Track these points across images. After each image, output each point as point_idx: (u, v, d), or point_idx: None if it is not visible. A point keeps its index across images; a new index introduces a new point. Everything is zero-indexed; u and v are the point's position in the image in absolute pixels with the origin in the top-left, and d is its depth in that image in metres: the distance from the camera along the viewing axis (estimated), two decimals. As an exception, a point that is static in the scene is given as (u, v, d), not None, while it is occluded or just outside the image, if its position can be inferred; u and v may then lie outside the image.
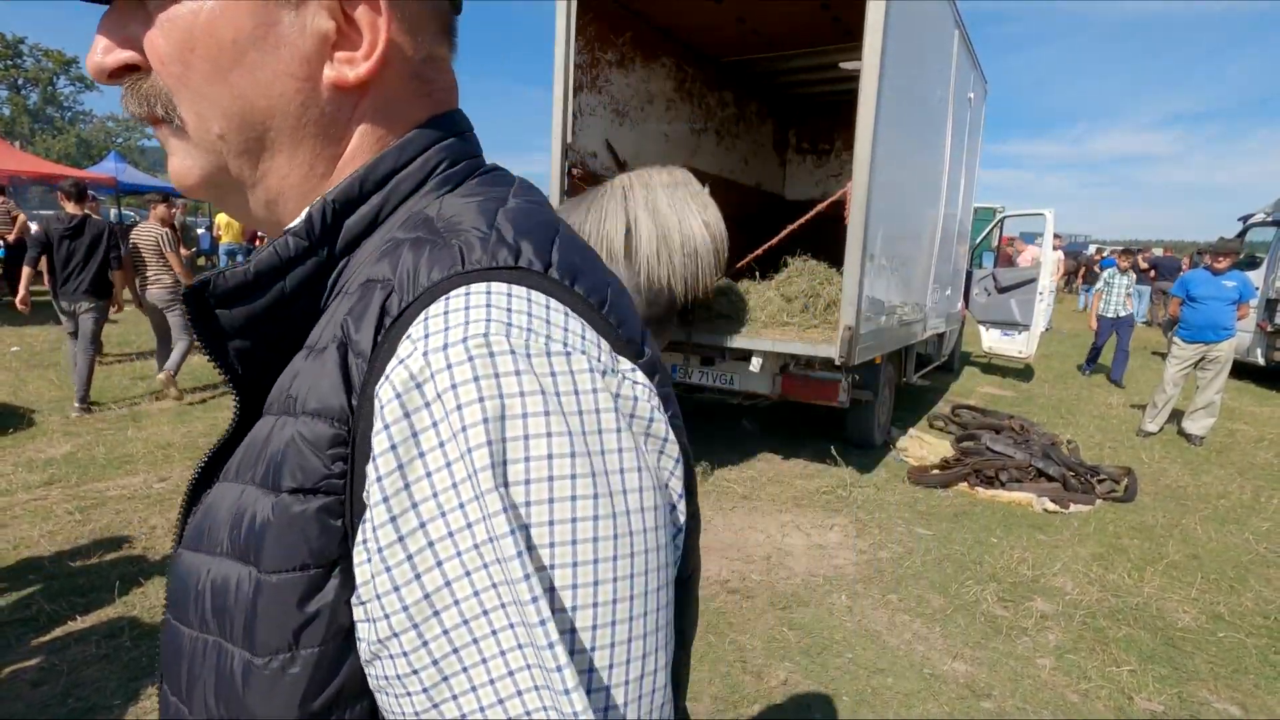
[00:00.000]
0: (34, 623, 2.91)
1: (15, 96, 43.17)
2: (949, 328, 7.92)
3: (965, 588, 3.59)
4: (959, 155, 6.70)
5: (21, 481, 4.36)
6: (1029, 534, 4.29)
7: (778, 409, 7.05)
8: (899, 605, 3.40)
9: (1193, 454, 6.22)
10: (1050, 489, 4.90)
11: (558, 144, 5.29)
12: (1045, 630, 3.24)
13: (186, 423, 5.73)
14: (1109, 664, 2.99)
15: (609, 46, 5.74)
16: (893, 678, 2.82)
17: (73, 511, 3.94)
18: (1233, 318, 6.34)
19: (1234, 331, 6.39)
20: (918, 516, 4.50)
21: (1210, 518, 4.69)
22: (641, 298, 4.04)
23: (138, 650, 2.76)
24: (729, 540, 4.02)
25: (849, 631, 3.15)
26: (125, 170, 19.64)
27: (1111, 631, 3.24)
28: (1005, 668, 2.94)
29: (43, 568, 3.34)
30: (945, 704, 2.68)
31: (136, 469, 4.66)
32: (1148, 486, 5.25)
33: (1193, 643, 3.19)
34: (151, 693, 2.54)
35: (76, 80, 45.58)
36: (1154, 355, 12.23)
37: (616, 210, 4.08)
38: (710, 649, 2.95)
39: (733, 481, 4.95)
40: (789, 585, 3.54)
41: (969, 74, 6.73)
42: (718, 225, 4.13)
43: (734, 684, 2.74)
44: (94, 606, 3.04)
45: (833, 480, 5.04)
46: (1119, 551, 4.10)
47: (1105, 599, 3.54)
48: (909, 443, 5.99)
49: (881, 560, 3.87)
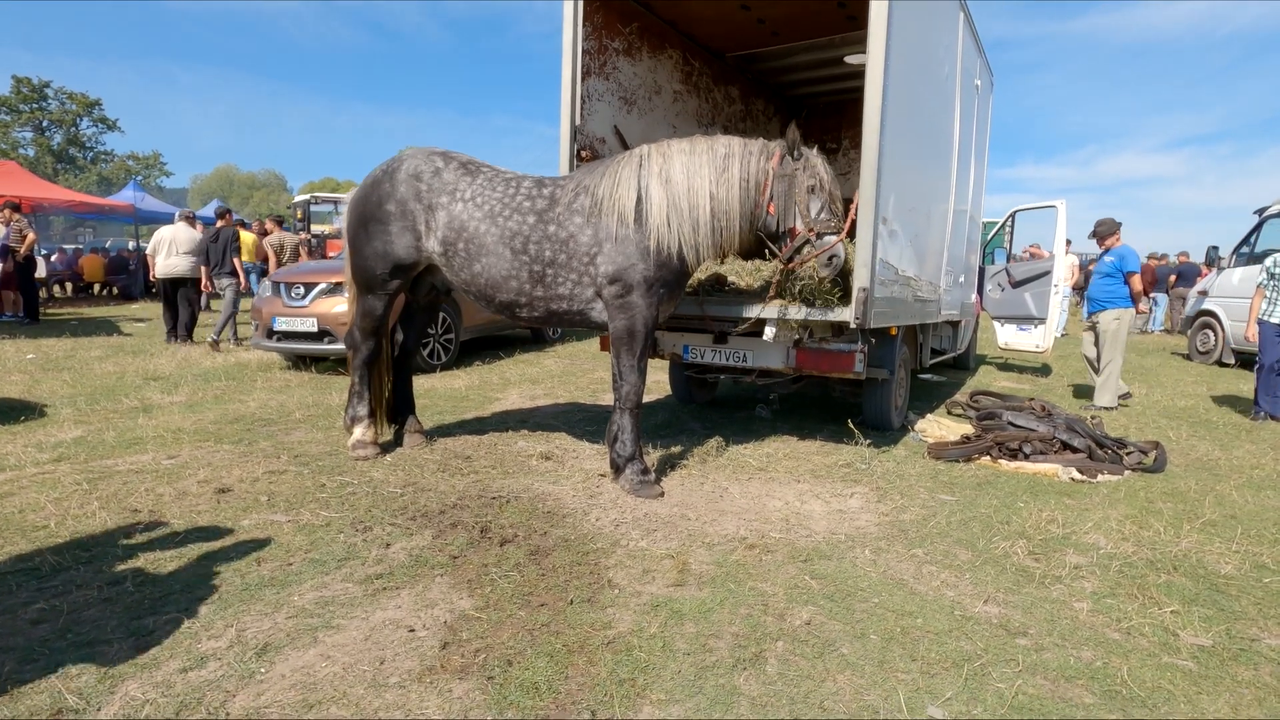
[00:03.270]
0: (37, 573, 2.85)
1: (40, 137, 44.43)
2: (963, 318, 7.82)
3: (993, 543, 3.46)
4: (967, 139, 6.69)
5: (31, 459, 4.34)
6: (1057, 499, 4.15)
7: (793, 398, 6.94)
8: (925, 558, 3.27)
9: (1222, 431, 6.05)
10: (1076, 459, 4.75)
11: (566, 125, 5.33)
12: (1081, 579, 3.09)
13: (198, 412, 5.71)
14: (1150, 606, 2.84)
15: (616, 35, 5.82)
16: (922, 619, 2.69)
17: (80, 483, 3.90)
18: (1109, 291, 6.94)
19: (1115, 304, 6.92)
20: (940, 485, 4.37)
21: (1245, 485, 4.52)
22: (652, 262, 4.00)
23: (140, 594, 2.69)
24: (745, 505, 3.91)
25: (874, 580, 3.02)
26: (144, 199, 20.05)
27: (1151, 578, 3.09)
28: (1040, 610, 2.80)
29: (48, 526, 3.29)
30: (979, 642, 2.54)
31: (146, 449, 4.62)
32: (1177, 459, 5.09)
33: (1237, 587, 3.04)
34: (152, 625, 2.46)
35: (99, 122, 46.94)
36: (1173, 355, 12.04)
37: (630, 178, 4.06)
38: (730, 594, 2.84)
39: (748, 456, 4.84)
40: (809, 542, 3.42)
41: (975, 59, 6.75)
42: (729, 198, 4.03)
43: (755, 624, 2.62)
44: (97, 560, 2.97)
45: (850, 456, 4.92)
46: (1153, 513, 3.95)
47: (1141, 552, 3.39)
48: (927, 425, 5.86)
49: (905, 521, 3.74)
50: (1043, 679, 2.33)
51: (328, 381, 7.21)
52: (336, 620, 2.56)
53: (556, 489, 4.07)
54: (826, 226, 4.04)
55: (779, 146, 4.11)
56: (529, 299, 4.19)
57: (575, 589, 2.85)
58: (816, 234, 4.04)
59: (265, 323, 7.73)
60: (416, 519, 3.55)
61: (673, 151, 4.13)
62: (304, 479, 4.09)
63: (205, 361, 8.29)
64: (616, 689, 2.20)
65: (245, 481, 4.01)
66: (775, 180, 4.05)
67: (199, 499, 3.72)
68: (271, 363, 8.31)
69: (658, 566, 3.09)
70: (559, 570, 3.02)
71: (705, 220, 3.99)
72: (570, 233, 4.07)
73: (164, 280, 9.83)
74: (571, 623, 2.59)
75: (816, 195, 4.04)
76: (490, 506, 3.74)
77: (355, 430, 4.64)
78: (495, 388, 7.21)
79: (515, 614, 2.64)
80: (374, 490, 3.95)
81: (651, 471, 4.16)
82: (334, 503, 3.73)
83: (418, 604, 2.70)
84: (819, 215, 4.03)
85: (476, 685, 2.20)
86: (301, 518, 3.51)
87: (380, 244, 4.38)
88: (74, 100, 45.37)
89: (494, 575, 2.95)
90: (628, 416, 4.10)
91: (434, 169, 4.33)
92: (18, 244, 11.25)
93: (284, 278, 7.97)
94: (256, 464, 4.33)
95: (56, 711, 2.00)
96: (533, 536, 3.37)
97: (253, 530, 3.34)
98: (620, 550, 3.26)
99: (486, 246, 4.14)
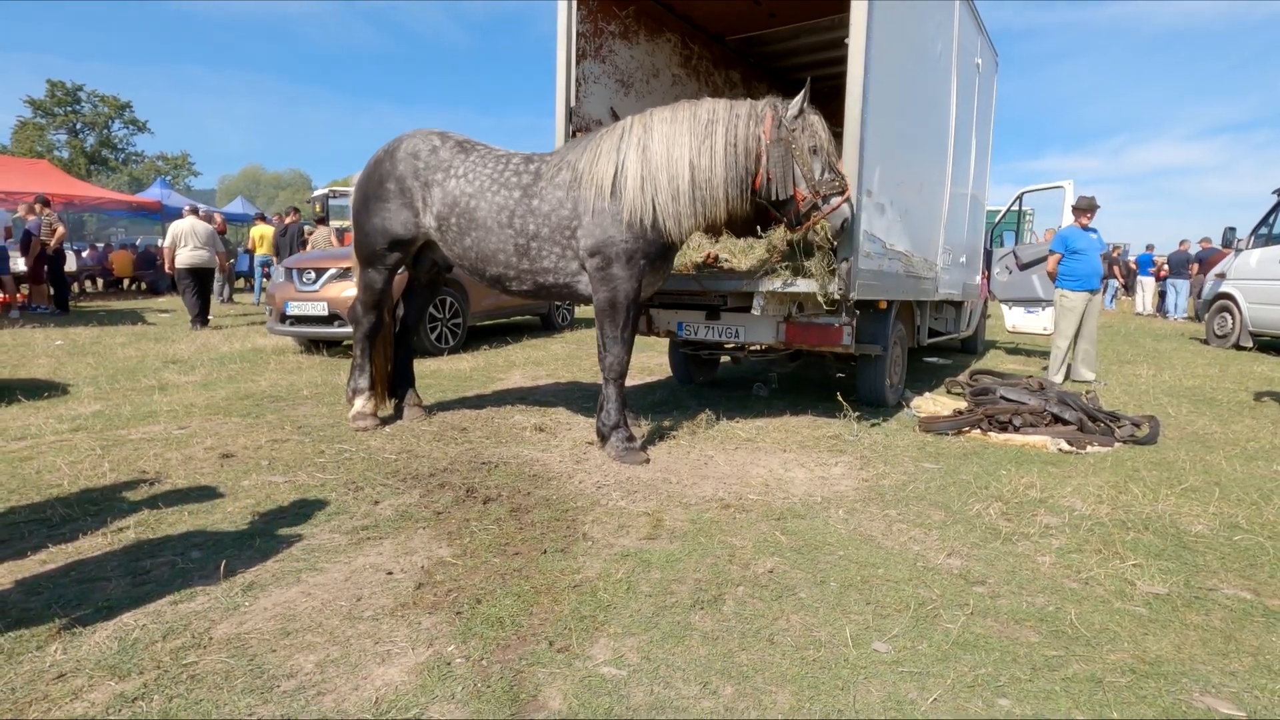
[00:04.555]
0: (48, 523, 3.04)
1: (73, 140, 45.67)
2: (966, 299, 7.80)
3: (968, 505, 3.51)
4: (966, 117, 6.67)
5: (51, 429, 4.57)
6: (1041, 468, 4.17)
7: (792, 378, 7.00)
8: (896, 518, 3.33)
9: (1224, 408, 5.99)
10: (1066, 431, 4.76)
11: (561, 107, 5.44)
12: (1049, 536, 3.14)
13: (211, 390, 5.93)
14: (1112, 559, 2.88)
15: (612, 18, 5.90)
16: (884, 569, 2.77)
17: (94, 449, 4.11)
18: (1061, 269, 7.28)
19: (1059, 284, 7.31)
20: (926, 456, 4.42)
21: (1237, 456, 4.50)
22: (631, 233, 4.05)
23: (140, 541, 2.86)
24: (728, 472, 3.99)
25: (842, 536, 3.10)
26: (170, 195, 20.60)
27: (1119, 536, 3.13)
28: (1002, 563, 2.86)
29: (61, 485, 3.49)
30: (935, 589, 2.61)
31: (158, 421, 4.83)
32: (1172, 433, 5.07)
33: (1205, 544, 3.06)
34: (150, 566, 2.63)
35: (130, 124, 48.11)
36: (1191, 340, 11.84)
37: (610, 150, 4.13)
38: (698, 547, 2.93)
39: (737, 429, 4.92)
40: (785, 504, 3.50)
41: (974, 37, 6.73)
42: (712, 165, 4.02)
43: (719, 571, 2.72)
44: (104, 513, 3.15)
45: (840, 429, 4.98)
46: (1135, 480, 3.96)
47: (1116, 514, 3.42)
48: (923, 402, 5.88)
49: (884, 486, 3.80)
50: (992, 621, 2.39)
51: (337, 364, 7.42)
52: (320, 564, 2.71)
53: (545, 456, 4.20)
54: (832, 188, 4.06)
55: (769, 109, 4.06)
56: (516, 272, 4.31)
57: (550, 540, 2.97)
58: (823, 197, 4.06)
59: (278, 308, 7.97)
60: (407, 481, 3.70)
61: (654, 121, 4.13)
62: (304, 446, 4.27)
63: (223, 346, 8.57)
64: (576, 624, 2.31)
65: (249, 449, 4.19)
66: (771, 147, 4.01)
67: (204, 463, 3.91)
68: (285, 347, 8.56)
69: (633, 523, 3.19)
70: (537, 525, 3.14)
71: (685, 190, 3.99)
72: (551, 206, 4.17)
73: (186, 270, 10.24)
74: (543, 569, 2.71)
75: (818, 157, 4.04)
76: (479, 470, 3.88)
77: (356, 402, 4.81)
78: (499, 369, 7.37)
79: (490, 561, 2.77)
80: (369, 456, 4.10)
81: (637, 440, 4.27)
82: (330, 467, 3.90)
83: (398, 552, 2.84)
84: (823, 177, 4.05)
85: (444, 619, 2.33)
86: (298, 479, 3.67)
87: (380, 220, 4.53)
88: (106, 103, 46.54)
89: (474, 529, 3.08)
90: (612, 387, 4.21)
91: (431, 148, 4.47)
92: (48, 237, 11.67)
93: (296, 264, 8.20)
94: (261, 434, 4.52)
95: (56, 633, 2.17)
96: (516, 496, 3.50)
97: (251, 490, 3.51)
98: (599, 509, 3.37)
99: (476, 220, 4.27)
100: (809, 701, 1.94)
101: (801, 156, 4.01)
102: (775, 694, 1.97)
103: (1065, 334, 7.21)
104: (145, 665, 2.03)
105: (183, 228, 10.34)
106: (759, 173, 4.06)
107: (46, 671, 1.99)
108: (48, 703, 1.86)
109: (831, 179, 4.06)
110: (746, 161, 4.05)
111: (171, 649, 2.11)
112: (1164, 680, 2.06)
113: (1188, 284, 16.59)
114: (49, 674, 1.98)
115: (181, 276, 10.38)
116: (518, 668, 2.06)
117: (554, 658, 2.12)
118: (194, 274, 10.32)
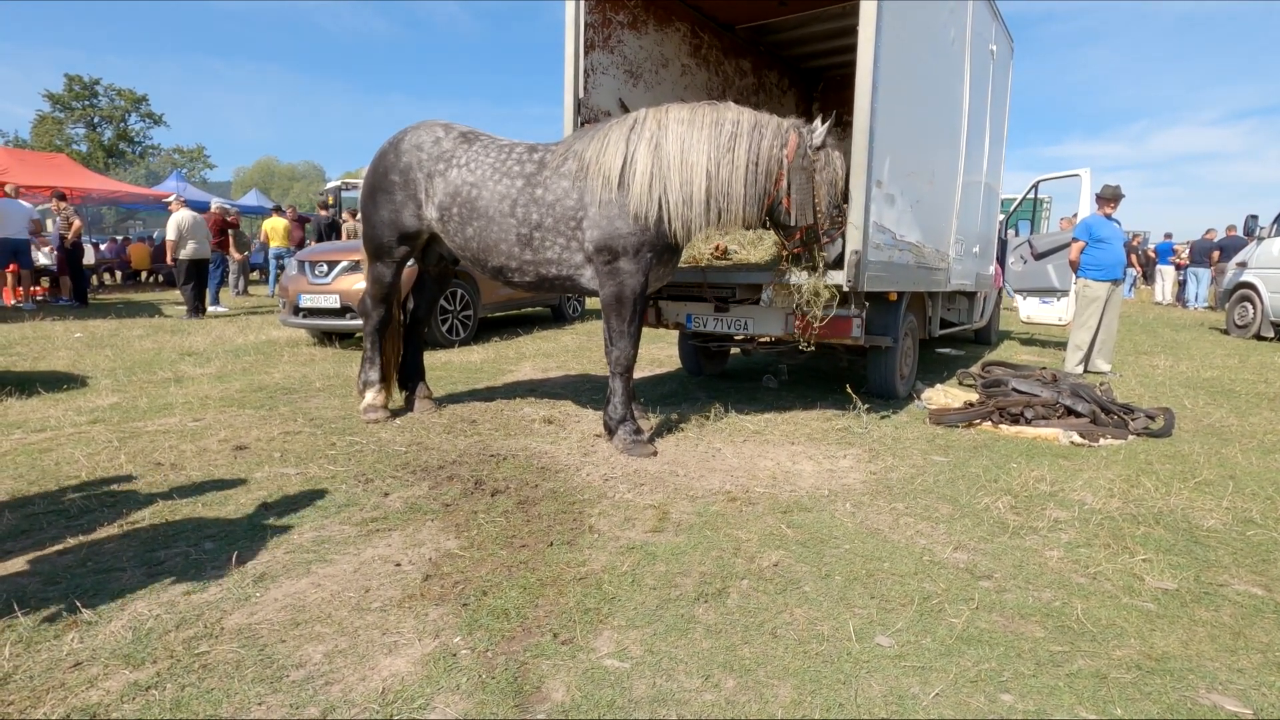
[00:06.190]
0: (65, 514, 3.10)
1: (91, 133, 46.17)
2: (980, 289, 7.73)
3: (976, 499, 3.49)
4: (980, 105, 6.58)
5: (69, 421, 4.65)
6: (1051, 461, 4.14)
7: (802, 370, 6.98)
8: (904, 511, 3.32)
9: (1242, 400, 5.90)
10: (1078, 424, 4.72)
11: (570, 98, 5.42)
12: (1058, 531, 3.12)
13: (225, 382, 6.01)
14: (1122, 554, 2.86)
15: (620, 8, 5.87)
16: (889, 563, 2.77)
17: (111, 441, 4.18)
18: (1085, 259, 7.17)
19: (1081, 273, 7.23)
20: (935, 448, 4.40)
21: (1253, 449, 4.44)
22: (638, 227, 4.03)
23: (155, 532, 2.92)
24: (736, 464, 4.00)
25: (849, 530, 3.10)
26: (185, 189, 20.79)
27: (1129, 530, 3.11)
28: (1009, 557, 2.84)
29: (80, 476, 3.56)
30: (941, 583, 2.61)
31: (174, 413, 4.91)
32: (1188, 425, 5.01)
33: (1218, 539, 3.03)
34: (164, 557, 2.68)
35: (146, 117, 48.55)
36: (1210, 330, 11.66)
37: (619, 141, 4.10)
38: (704, 540, 2.94)
39: (746, 421, 4.92)
40: (793, 496, 3.50)
41: (989, 24, 6.63)
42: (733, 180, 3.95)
43: (723, 564, 2.73)
44: (120, 504, 3.22)
45: (849, 421, 4.97)
46: (1148, 473, 3.92)
47: (1126, 508, 3.39)
48: (934, 394, 5.84)
49: (892, 479, 3.79)
50: (997, 616, 2.39)
51: (350, 356, 7.49)
52: (330, 556, 2.75)
53: (553, 448, 4.22)
54: (836, 224, 4.25)
55: (793, 132, 4.04)
56: (519, 263, 4.31)
57: (557, 533, 3.00)
58: (826, 230, 4.21)
59: (291, 300, 8.04)
60: (416, 473, 3.73)
61: (670, 120, 4.09)
62: (316, 439, 4.32)
63: (238, 339, 8.67)
64: (581, 616, 2.33)
65: (262, 441, 4.25)
66: (793, 172, 4.03)
67: (218, 455, 3.96)
68: (298, 339, 8.65)
69: (640, 515, 3.21)
70: (544, 517, 3.17)
71: (699, 198, 3.95)
72: (556, 196, 4.15)
73: (189, 262, 10.64)
74: (549, 561, 2.73)
75: (831, 191, 4.13)
76: (487, 463, 3.91)
77: (367, 394, 4.85)
78: (510, 361, 7.40)
79: (497, 553, 2.80)
80: (380, 448, 4.15)
81: (645, 432, 4.28)
82: (341, 459, 3.94)
83: (407, 543, 2.88)
84: (830, 211, 4.17)
85: (451, 610, 2.36)
86: (310, 471, 3.72)
87: (387, 212, 4.55)
88: (122, 96, 46.95)
89: (481, 521, 3.11)
90: (619, 381, 4.21)
91: (434, 139, 4.48)
92: (64, 230, 11.86)
93: (308, 256, 8.27)
94: (274, 426, 4.57)
95: (72, 622, 2.22)
96: (524, 488, 3.52)
97: (264, 482, 3.56)
98: (605, 501, 3.39)
99: (478, 210, 4.27)
100: (810, 695, 1.95)
101: (818, 187, 4.08)
102: (777, 687, 1.98)
103: (1087, 325, 7.06)
104: (159, 654, 2.07)
105: (184, 221, 10.58)
106: (773, 193, 4.10)
107: (63, 660, 2.04)
108: (64, 690, 1.91)
109: (837, 215, 4.23)
110: (766, 182, 4.07)
111: (184, 639, 2.15)
112: (1170, 677, 2.05)
113: (1208, 273, 16.32)
114: (65, 662, 2.03)
115: (186, 269, 10.63)
116: (522, 659, 2.08)
117: (558, 650, 2.14)
118: (195, 265, 10.72)
